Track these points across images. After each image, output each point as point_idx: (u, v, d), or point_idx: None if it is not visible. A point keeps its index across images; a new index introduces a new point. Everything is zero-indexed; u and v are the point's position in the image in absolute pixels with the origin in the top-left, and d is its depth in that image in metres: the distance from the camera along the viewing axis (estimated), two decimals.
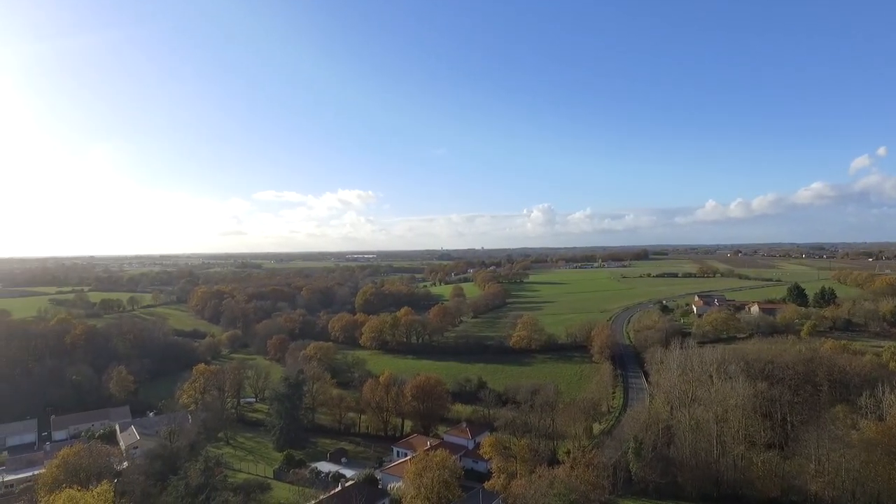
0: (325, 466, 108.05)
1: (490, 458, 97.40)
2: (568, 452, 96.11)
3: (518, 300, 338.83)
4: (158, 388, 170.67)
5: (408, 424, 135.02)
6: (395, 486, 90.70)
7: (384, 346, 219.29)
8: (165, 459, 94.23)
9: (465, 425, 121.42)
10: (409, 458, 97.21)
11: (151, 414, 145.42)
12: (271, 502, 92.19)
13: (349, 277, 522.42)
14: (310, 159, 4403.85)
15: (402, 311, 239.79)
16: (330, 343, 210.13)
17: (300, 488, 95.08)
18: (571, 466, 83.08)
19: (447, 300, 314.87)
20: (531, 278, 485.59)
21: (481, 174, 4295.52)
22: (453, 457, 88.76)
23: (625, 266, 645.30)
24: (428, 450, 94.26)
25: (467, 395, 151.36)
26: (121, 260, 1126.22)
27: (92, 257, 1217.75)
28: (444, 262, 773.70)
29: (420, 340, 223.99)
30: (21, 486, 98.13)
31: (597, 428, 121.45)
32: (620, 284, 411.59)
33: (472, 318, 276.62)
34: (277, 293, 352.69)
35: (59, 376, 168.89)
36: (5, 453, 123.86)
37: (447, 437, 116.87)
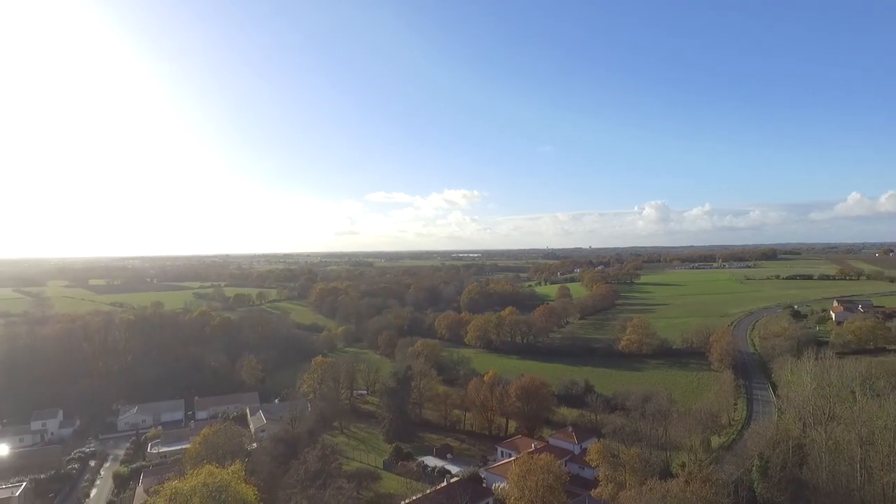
0: (432, 461, 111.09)
1: (597, 466, 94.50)
2: (683, 465, 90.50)
3: (628, 302, 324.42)
4: (282, 376, 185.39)
5: (512, 425, 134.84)
6: (499, 486, 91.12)
7: (488, 345, 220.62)
8: (288, 444, 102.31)
9: (570, 429, 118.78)
10: (513, 458, 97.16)
11: (276, 400, 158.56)
12: (381, 492, 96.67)
13: (454, 276, 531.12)
14: (418, 161, 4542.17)
15: (507, 310, 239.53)
16: (436, 340, 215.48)
17: (408, 481, 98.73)
18: (686, 481, 78.14)
19: (552, 300, 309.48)
20: (642, 279, 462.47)
21: (589, 171, 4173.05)
22: (558, 461, 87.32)
23: (748, 267, 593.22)
24: (532, 452, 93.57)
25: (573, 398, 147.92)
26: (251, 258, 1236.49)
27: (227, 256, 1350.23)
28: (550, 262, 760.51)
29: (524, 340, 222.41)
30: (172, 458, 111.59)
31: (715, 441, 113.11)
32: (743, 287, 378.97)
33: (579, 319, 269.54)
34: (387, 291, 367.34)
35: (200, 362, 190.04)
36: (160, 428, 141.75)
37: (552, 441, 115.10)
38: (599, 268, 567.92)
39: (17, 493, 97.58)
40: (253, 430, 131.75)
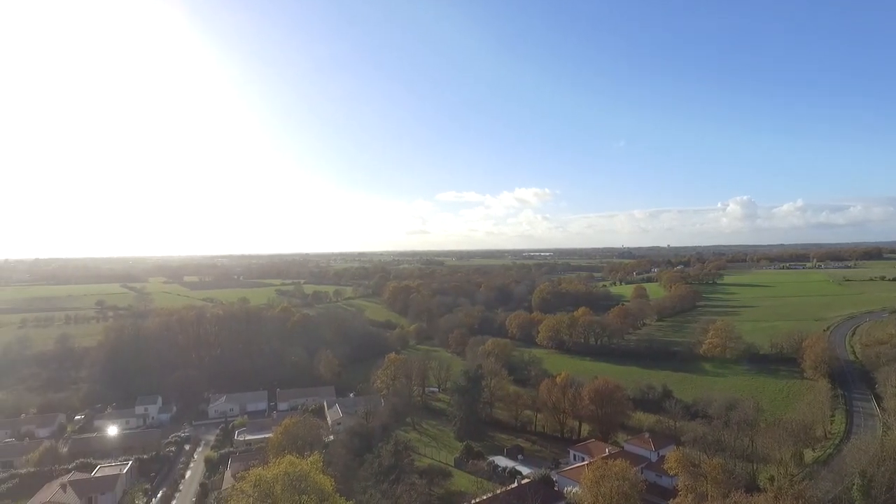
0: (502, 461, 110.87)
1: (676, 475, 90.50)
2: (771, 479, 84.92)
3: (710, 303, 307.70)
4: (357, 371, 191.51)
5: (585, 428, 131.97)
6: (571, 490, 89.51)
7: (560, 346, 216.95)
8: (362, 437, 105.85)
9: (647, 435, 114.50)
10: (586, 462, 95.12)
11: (351, 395, 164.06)
12: (452, 490, 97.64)
13: (525, 275, 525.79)
14: (488, 160, 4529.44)
15: (580, 310, 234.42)
16: (507, 340, 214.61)
17: (478, 479, 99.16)
18: (776, 497, 73.20)
19: (628, 301, 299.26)
20: (726, 279, 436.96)
21: (667, 166, 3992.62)
22: (634, 468, 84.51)
23: (848, 267, 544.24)
24: (606, 457, 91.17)
25: (650, 403, 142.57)
26: (328, 257, 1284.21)
27: (306, 254, 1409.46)
28: (625, 261, 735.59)
29: (598, 342, 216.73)
30: (257, 446, 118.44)
31: (809, 455, 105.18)
32: (842, 289, 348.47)
33: (657, 321, 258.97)
34: (458, 289, 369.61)
35: (281, 356, 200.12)
36: (246, 417, 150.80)
37: (627, 446, 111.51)
38: (679, 267, 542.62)
39: (125, 471, 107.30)
40: (330, 422, 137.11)
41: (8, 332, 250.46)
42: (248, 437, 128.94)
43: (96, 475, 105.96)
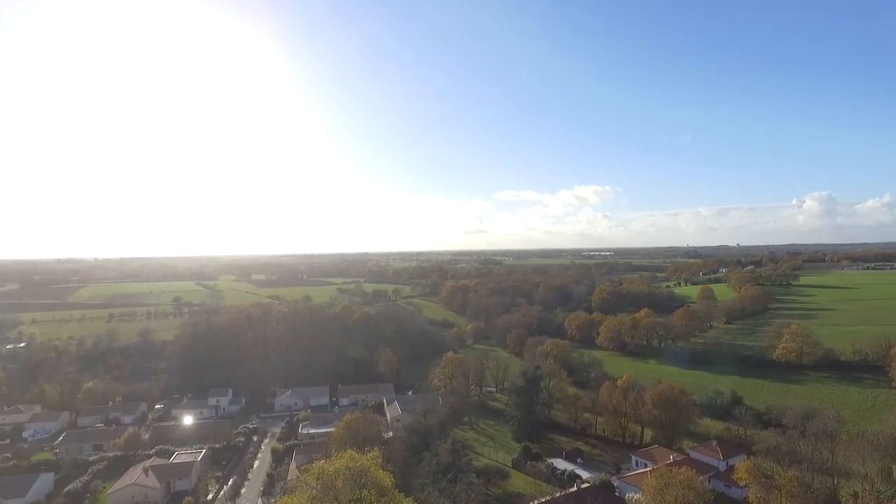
0: (561, 464, 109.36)
1: (747, 486, 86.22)
2: (855, 496, 79.44)
3: (784, 306, 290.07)
4: (415, 370, 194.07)
5: (648, 433, 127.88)
6: (633, 496, 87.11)
7: (622, 348, 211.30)
8: (420, 435, 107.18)
9: (715, 443, 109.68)
10: (649, 469, 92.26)
11: (410, 392, 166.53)
12: (510, 490, 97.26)
13: (585, 275, 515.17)
14: (546, 158, 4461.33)
15: (642, 312, 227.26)
16: (566, 341, 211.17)
17: (536, 481, 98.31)
18: None
19: (694, 302, 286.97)
20: (802, 280, 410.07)
21: (735, 161, 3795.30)
22: (700, 477, 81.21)
23: None
24: (671, 464, 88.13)
25: (717, 409, 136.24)
26: (387, 256, 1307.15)
27: (366, 253, 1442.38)
28: (691, 261, 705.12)
29: (662, 345, 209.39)
30: (319, 439, 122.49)
31: None
32: None
33: (725, 323, 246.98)
34: (516, 289, 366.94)
35: (342, 353, 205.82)
36: (309, 411, 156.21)
37: (693, 454, 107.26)
38: (749, 268, 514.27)
39: (199, 458, 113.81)
40: (389, 419, 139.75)
41: (98, 325, 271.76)
42: (312, 431, 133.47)
43: (174, 461, 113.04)
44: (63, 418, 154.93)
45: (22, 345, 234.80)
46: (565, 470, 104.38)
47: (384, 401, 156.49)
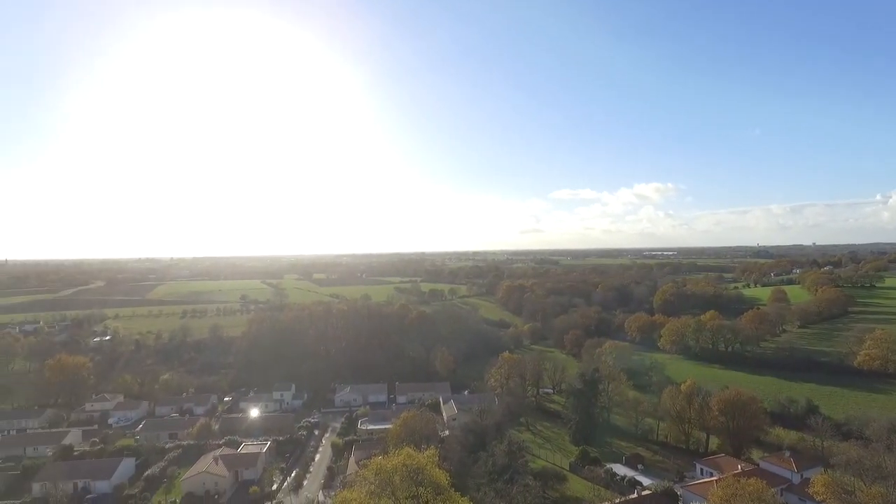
0: (621, 469, 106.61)
1: (823, 501, 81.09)
2: None
3: (866, 309, 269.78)
4: (471, 369, 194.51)
5: (713, 441, 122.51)
6: None
7: (685, 352, 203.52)
8: (476, 435, 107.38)
9: (787, 454, 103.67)
10: (714, 479, 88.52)
11: (466, 392, 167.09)
12: (567, 494, 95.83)
13: (646, 275, 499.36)
14: (605, 155, 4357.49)
15: (708, 314, 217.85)
16: (626, 343, 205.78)
17: (595, 486, 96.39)
18: None
19: (764, 304, 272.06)
20: (887, 282, 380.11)
21: (811, 155, 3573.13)
22: (772, 489, 77.07)
23: None
24: (739, 474, 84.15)
25: (791, 418, 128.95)
26: (443, 255, 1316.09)
27: (423, 253, 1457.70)
28: (761, 261, 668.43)
29: (729, 349, 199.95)
30: (377, 436, 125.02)
31: None
32: None
33: (799, 327, 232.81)
34: (573, 289, 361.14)
35: (399, 351, 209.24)
36: (368, 407, 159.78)
37: (763, 464, 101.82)
38: (827, 268, 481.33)
39: (264, 450, 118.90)
40: (445, 418, 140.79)
41: (173, 321, 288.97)
42: (370, 427, 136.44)
43: (241, 451, 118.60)
44: (143, 407, 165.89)
45: (107, 338, 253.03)
46: (625, 476, 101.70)
47: (440, 399, 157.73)
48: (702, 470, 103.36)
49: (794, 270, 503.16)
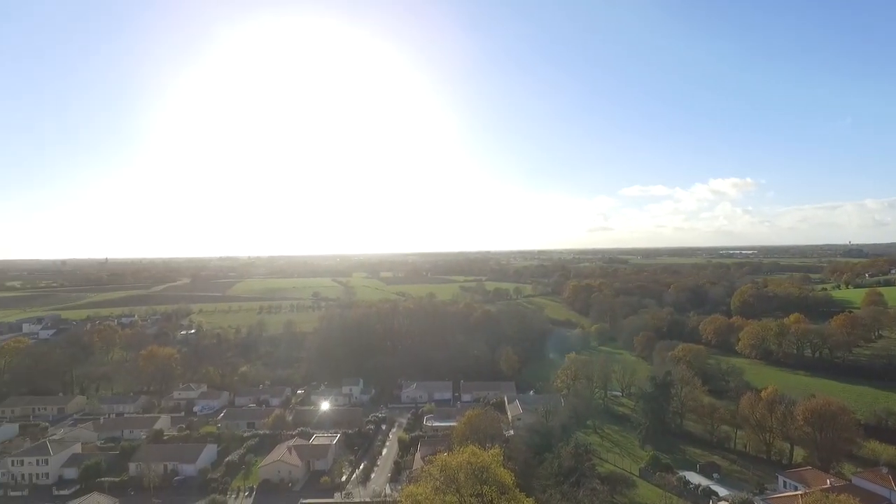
0: (695, 478, 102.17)
1: None
2: None
3: None
4: (536, 369, 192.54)
5: (798, 453, 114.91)
6: None
7: (767, 357, 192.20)
8: (542, 436, 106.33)
9: (885, 471, 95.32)
10: (800, 493, 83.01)
11: (531, 392, 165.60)
12: (636, 501, 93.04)
13: (723, 275, 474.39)
14: (677, 150, 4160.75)
15: (792, 317, 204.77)
16: (701, 346, 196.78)
17: (666, 493, 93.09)
18: None
19: (857, 308, 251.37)
20: None
21: None
22: None
23: None
24: (827, 489, 78.47)
25: (888, 431, 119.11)
26: (508, 254, 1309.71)
27: (488, 252, 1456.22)
28: (854, 260, 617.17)
29: (817, 354, 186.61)
30: (442, 433, 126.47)
31: None
32: None
33: None
34: (644, 289, 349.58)
35: (464, 349, 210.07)
36: (433, 404, 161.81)
37: (856, 480, 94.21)
38: None
39: (334, 442, 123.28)
40: (510, 417, 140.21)
41: (250, 316, 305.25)
42: (435, 424, 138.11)
43: (313, 443, 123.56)
44: (224, 397, 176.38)
45: (192, 331, 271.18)
46: (699, 484, 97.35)
47: (505, 399, 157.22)
48: (785, 483, 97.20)
49: (891, 271, 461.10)
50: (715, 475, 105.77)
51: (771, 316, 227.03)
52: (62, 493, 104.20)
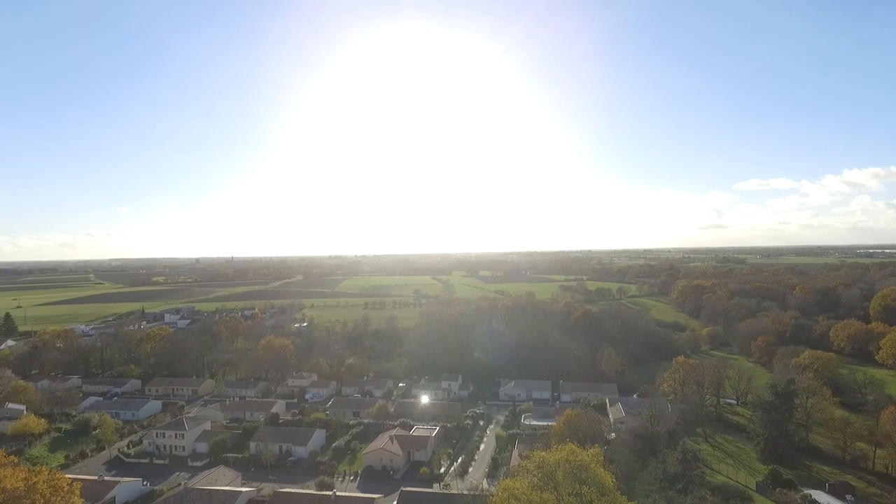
0: (823, 497, 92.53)
1: None
2: None
3: None
4: (640, 372, 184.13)
5: None
6: None
7: None
8: (646, 440, 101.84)
9: None
10: None
11: (635, 395, 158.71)
12: None
13: (860, 277, 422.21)
14: (803, 139, 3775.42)
15: None
16: (831, 353, 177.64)
17: None
18: None
19: None
20: None
21: None
22: None
23: None
24: None
25: None
26: (611, 253, 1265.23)
27: (589, 251, 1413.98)
28: None
29: None
30: (540, 431, 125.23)
31: None
32: None
33: None
34: (763, 291, 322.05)
35: (564, 349, 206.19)
36: (531, 403, 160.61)
37: None
38: None
39: (433, 435, 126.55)
40: (612, 420, 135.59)
41: (356, 312, 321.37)
42: (533, 423, 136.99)
43: (413, 434, 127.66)
44: (332, 386, 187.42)
45: (304, 324, 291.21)
46: None
47: (607, 401, 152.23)
48: None
49: None
50: (849, 497, 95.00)
51: None
52: (195, 464, 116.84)
